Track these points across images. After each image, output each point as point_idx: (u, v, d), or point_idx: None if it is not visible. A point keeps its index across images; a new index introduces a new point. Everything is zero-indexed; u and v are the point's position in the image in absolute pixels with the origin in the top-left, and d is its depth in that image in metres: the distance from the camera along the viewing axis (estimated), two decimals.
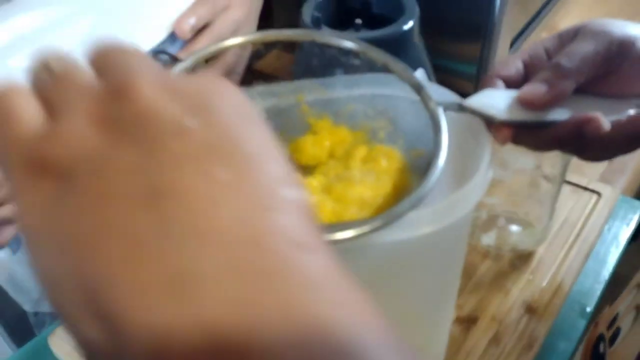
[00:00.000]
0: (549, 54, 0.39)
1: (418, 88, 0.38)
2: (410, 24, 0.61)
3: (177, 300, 0.16)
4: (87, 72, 0.21)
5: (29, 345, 0.60)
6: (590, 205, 0.66)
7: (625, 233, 0.65)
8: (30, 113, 0.20)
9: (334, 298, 0.17)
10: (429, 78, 0.64)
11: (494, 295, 0.58)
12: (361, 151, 0.40)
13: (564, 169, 0.56)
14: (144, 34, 0.50)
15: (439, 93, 0.38)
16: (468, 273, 0.61)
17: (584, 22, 0.39)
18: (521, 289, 0.59)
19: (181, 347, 0.15)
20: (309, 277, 0.17)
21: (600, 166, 0.75)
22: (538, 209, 0.60)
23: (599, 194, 0.67)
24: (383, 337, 0.17)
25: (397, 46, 0.62)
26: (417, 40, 0.64)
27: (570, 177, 0.69)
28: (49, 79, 0.21)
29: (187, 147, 0.18)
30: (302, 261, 0.17)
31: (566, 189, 0.68)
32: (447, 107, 0.37)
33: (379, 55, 0.39)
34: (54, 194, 0.18)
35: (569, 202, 0.66)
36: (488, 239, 0.61)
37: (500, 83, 0.39)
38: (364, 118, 0.42)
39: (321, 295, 0.17)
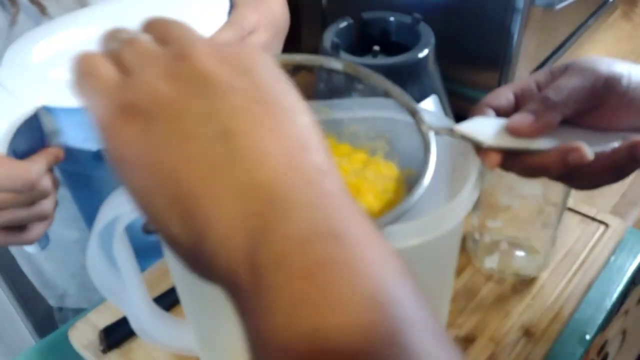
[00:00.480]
0: (540, 87, 0.42)
1: (413, 112, 0.40)
2: (425, 52, 0.64)
3: (244, 200, 0.22)
4: (149, 39, 0.27)
5: (50, 337, 0.63)
6: (596, 236, 0.67)
7: (632, 265, 0.66)
8: (108, 69, 0.26)
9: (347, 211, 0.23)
10: (442, 105, 0.67)
11: (493, 316, 0.60)
12: (361, 155, 0.43)
13: (566, 196, 0.57)
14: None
15: (434, 118, 0.41)
16: (470, 294, 0.62)
17: (574, 59, 0.41)
18: (521, 313, 0.60)
19: (242, 222, 0.22)
20: (330, 192, 0.23)
21: (613, 198, 0.76)
22: (542, 235, 0.61)
23: (606, 225, 0.68)
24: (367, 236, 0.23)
25: (412, 73, 0.65)
26: (432, 67, 0.67)
27: (580, 207, 0.70)
28: (118, 45, 0.27)
29: (241, 101, 0.24)
30: (326, 184, 0.23)
31: (575, 218, 0.69)
32: (438, 131, 0.40)
33: (380, 81, 0.42)
34: (142, 130, 0.24)
35: (576, 231, 0.68)
36: (491, 262, 0.63)
37: (491, 112, 0.41)
38: (364, 139, 0.44)
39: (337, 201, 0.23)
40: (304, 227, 0.21)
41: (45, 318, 0.80)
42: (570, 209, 0.70)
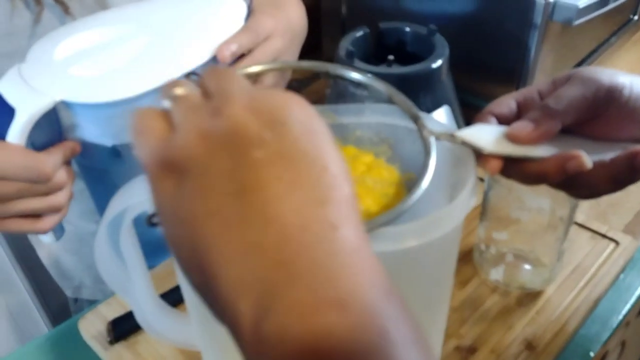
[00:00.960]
0: (542, 96, 0.42)
1: (415, 118, 0.41)
2: (439, 62, 0.65)
3: (252, 262, 0.23)
4: (197, 94, 0.28)
5: (61, 327, 0.65)
6: (606, 253, 0.67)
7: None
8: (159, 125, 0.28)
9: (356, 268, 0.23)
10: (454, 115, 0.68)
11: (496, 329, 0.60)
12: (366, 158, 0.44)
13: (573, 210, 0.57)
14: (190, 56, 0.56)
15: (436, 124, 0.42)
16: (474, 305, 0.62)
17: (577, 69, 0.42)
18: (524, 326, 0.60)
19: (248, 284, 0.23)
20: (339, 251, 0.23)
21: (627, 217, 0.75)
22: (549, 249, 0.61)
23: (617, 242, 0.68)
24: (385, 295, 0.23)
25: (425, 83, 0.65)
26: (446, 78, 0.67)
27: (591, 223, 0.70)
28: (172, 100, 0.28)
29: (263, 155, 0.24)
30: (337, 241, 0.23)
31: (585, 234, 0.69)
32: (439, 136, 0.40)
33: (384, 88, 0.43)
34: (176, 184, 0.25)
35: (586, 247, 0.67)
36: (496, 275, 0.63)
37: (493, 119, 0.42)
38: (368, 143, 0.45)
39: (342, 261, 0.23)
40: (308, 296, 0.22)
41: (61, 308, 0.82)
42: (581, 225, 0.70)
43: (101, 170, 0.60)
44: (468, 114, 0.74)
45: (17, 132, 0.48)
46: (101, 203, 0.65)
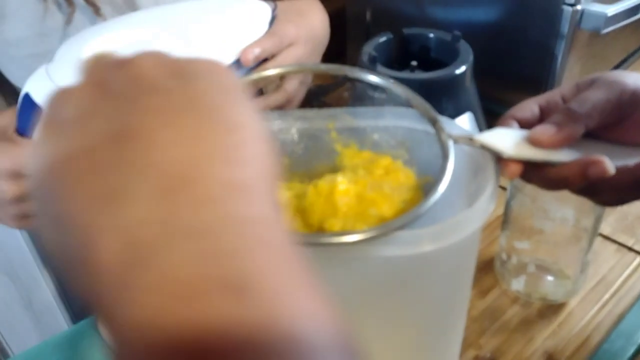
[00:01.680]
0: (565, 100, 0.41)
1: (433, 121, 0.41)
2: (463, 68, 0.64)
3: (106, 212, 0.18)
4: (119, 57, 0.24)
5: (79, 325, 0.66)
6: (632, 266, 0.65)
7: None
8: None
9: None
10: (477, 122, 0.67)
11: (516, 340, 0.59)
12: (384, 161, 0.43)
13: (597, 221, 0.56)
14: (215, 56, 0.56)
15: (454, 127, 0.41)
16: (495, 315, 0.61)
17: (601, 73, 0.41)
18: (545, 339, 0.59)
19: (103, 248, 0.18)
20: (237, 217, 0.18)
21: None
22: (572, 260, 0.60)
23: None
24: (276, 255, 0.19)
25: (448, 88, 0.65)
26: (469, 85, 0.66)
27: (618, 236, 0.68)
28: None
29: (160, 102, 0.20)
30: (243, 206, 0.19)
31: (611, 247, 0.67)
32: (457, 140, 0.40)
33: (402, 91, 0.43)
34: (49, 138, 0.21)
35: (611, 260, 0.66)
36: (518, 285, 0.62)
37: (515, 123, 0.41)
38: (386, 147, 0.45)
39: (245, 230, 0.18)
40: (188, 270, 0.17)
41: (83, 308, 0.83)
42: (607, 237, 0.68)
43: None
44: (491, 122, 0.72)
45: None
46: None
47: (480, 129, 0.68)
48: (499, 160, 0.40)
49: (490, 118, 0.72)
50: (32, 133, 0.49)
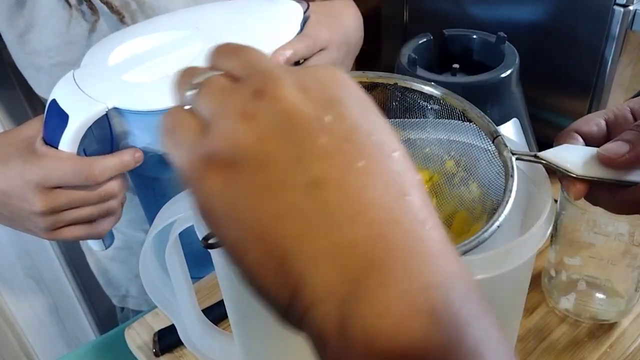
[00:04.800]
0: (635, 116, 0.38)
1: (493, 136, 0.38)
2: (508, 72, 0.61)
3: (339, 261, 0.20)
4: (221, 77, 0.25)
5: (108, 334, 0.64)
6: None
7: None
8: (193, 121, 0.24)
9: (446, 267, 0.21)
10: (524, 130, 0.63)
11: None
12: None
13: None
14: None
15: (512, 144, 0.38)
16: (541, 335, 0.58)
17: None
18: None
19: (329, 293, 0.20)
20: (427, 250, 0.21)
21: None
22: (626, 278, 0.56)
23: None
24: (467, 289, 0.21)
25: (492, 94, 0.61)
26: (515, 89, 0.63)
27: None
28: (194, 91, 0.25)
29: (328, 140, 0.22)
30: (428, 238, 0.21)
31: None
32: (520, 157, 0.37)
33: (458, 102, 0.40)
34: (226, 181, 0.22)
35: None
36: (567, 303, 0.58)
37: (579, 139, 0.38)
38: (438, 163, 0.42)
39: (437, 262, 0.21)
40: (398, 302, 0.20)
41: (107, 315, 0.81)
42: None
43: (151, 178, 0.59)
44: (536, 129, 0.69)
45: (69, 138, 0.47)
46: (150, 211, 0.64)
47: (527, 138, 0.65)
48: (563, 179, 0.37)
49: (535, 125, 0.69)
50: (59, 141, 0.48)
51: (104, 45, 0.54)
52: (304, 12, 0.58)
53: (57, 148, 0.47)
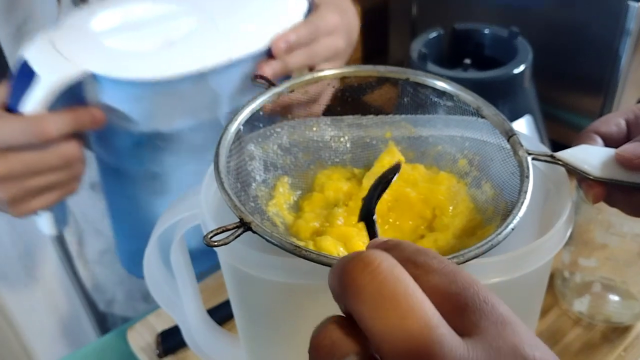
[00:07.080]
0: None
1: (508, 135, 0.36)
2: (521, 68, 0.59)
3: None
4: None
5: (109, 335, 0.63)
6: None
7: None
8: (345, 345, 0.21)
9: None
10: (537, 126, 0.62)
11: None
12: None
13: None
14: (237, 43, 0.50)
15: (528, 143, 0.36)
16: (554, 338, 0.56)
17: None
18: None
19: None
20: None
21: None
22: None
23: None
24: None
25: (505, 90, 0.60)
26: (528, 86, 0.61)
27: None
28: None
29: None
30: None
31: None
32: (536, 157, 0.35)
33: (472, 99, 0.38)
34: None
35: None
36: (580, 305, 0.57)
37: (599, 139, 0.36)
38: (451, 161, 0.40)
39: None
40: None
41: (103, 318, 0.81)
42: None
43: (120, 171, 0.55)
44: (549, 126, 0.68)
45: (36, 100, 0.43)
46: (113, 207, 0.61)
47: (540, 135, 0.63)
48: (581, 180, 0.35)
49: (548, 122, 0.67)
50: (24, 107, 0.44)
51: (86, 10, 0.50)
52: (309, 1, 0.56)
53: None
